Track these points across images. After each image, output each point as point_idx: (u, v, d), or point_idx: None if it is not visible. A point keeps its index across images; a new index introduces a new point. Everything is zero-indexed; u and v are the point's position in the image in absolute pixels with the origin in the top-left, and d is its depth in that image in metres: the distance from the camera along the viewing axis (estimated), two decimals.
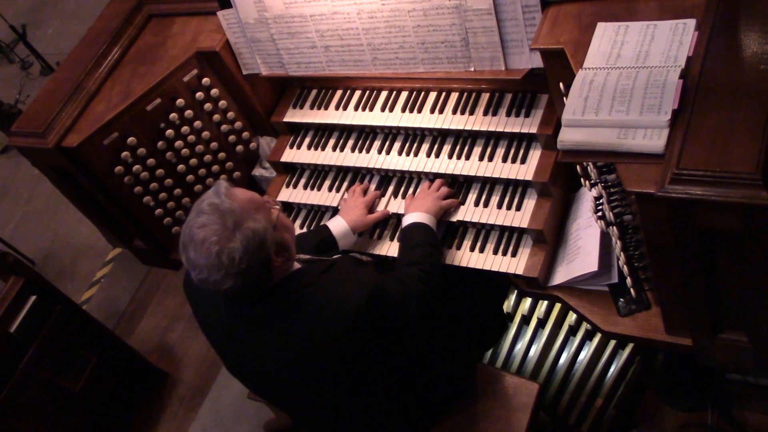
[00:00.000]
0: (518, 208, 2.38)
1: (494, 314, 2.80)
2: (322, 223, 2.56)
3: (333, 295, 1.93)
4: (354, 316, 1.89)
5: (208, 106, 2.83)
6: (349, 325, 1.90)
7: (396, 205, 2.59)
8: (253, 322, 1.99)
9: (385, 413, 2.18)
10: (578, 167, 2.07)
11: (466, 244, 2.46)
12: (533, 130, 2.36)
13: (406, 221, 2.38)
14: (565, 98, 1.89)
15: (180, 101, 2.74)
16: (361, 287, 1.92)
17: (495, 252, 2.40)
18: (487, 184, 2.48)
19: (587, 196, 2.25)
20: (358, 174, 2.74)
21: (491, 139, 2.48)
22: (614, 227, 1.97)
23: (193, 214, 1.85)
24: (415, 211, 2.38)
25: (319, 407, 2.14)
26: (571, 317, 2.80)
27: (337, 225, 2.49)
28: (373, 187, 2.66)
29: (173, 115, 2.75)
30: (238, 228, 1.80)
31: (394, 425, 2.24)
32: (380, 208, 2.60)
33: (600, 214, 2.02)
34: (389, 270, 2.25)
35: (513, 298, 2.91)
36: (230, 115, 2.90)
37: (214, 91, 2.82)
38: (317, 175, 2.84)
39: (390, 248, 2.54)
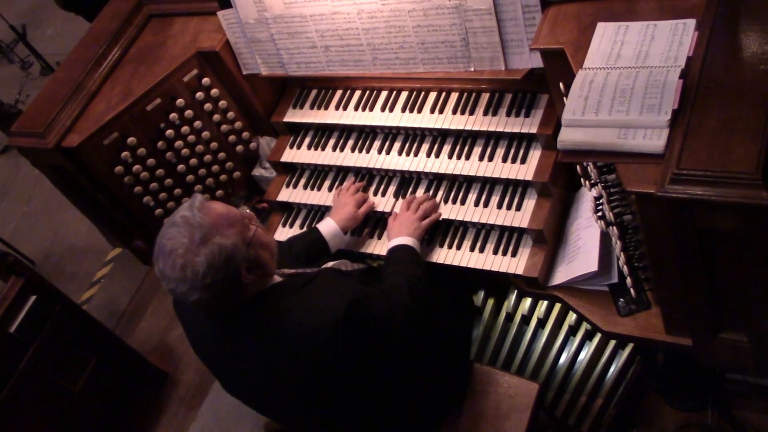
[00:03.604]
0: (518, 208, 2.38)
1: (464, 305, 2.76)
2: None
3: (311, 309, 1.92)
4: (332, 329, 1.87)
5: (208, 106, 2.83)
6: (327, 339, 1.88)
7: (397, 206, 2.59)
8: (232, 336, 1.98)
9: (379, 420, 2.17)
10: (578, 167, 2.06)
11: (466, 244, 2.46)
12: (533, 130, 2.36)
13: (390, 244, 2.39)
14: (565, 98, 1.89)
15: (180, 101, 2.74)
16: (339, 300, 1.90)
17: (495, 252, 2.40)
18: (487, 184, 2.48)
19: (587, 196, 2.25)
20: (358, 174, 2.74)
21: (491, 139, 2.48)
22: (614, 227, 1.97)
23: (166, 225, 1.85)
24: (397, 236, 2.39)
25: (309, 419, 2.14)
26: (571, 317, 2.79)
27: (327, 226, 2.51)
28: (363, 183, 2.67)
29: (173, 115, 2.75)
30: (205, 243, 1.79)
31: (390, 431, 2.23)
32: (380, 208, 2.60)
33: (600, 214, 2.02)
34: (375, 281, 2.24)
35: (513, 298, 2.91)
36: (230, 115, 2.90)
37: (214, 91, 2.82)
38: (317, 175, 2.84)
39: (384, 247, 2.54)
